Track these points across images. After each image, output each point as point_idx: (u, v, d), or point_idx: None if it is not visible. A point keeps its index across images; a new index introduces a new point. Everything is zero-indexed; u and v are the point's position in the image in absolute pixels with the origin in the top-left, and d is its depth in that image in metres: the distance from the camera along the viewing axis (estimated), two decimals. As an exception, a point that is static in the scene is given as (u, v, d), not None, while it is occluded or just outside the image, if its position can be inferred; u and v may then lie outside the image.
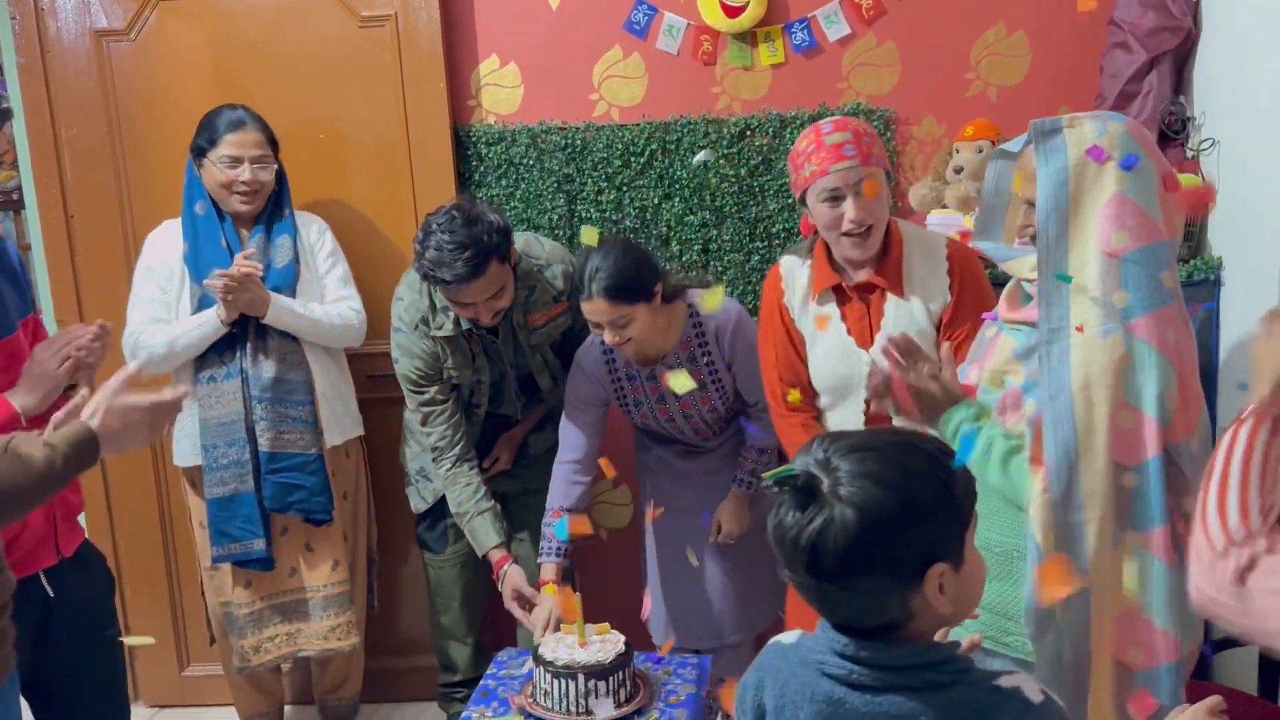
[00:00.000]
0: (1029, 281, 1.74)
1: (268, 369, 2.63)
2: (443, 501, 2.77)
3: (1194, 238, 2.58)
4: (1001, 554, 1.72)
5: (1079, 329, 1.60)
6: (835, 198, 2.12)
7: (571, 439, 2.54)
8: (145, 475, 3.11)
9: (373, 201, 2.99)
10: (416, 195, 2.95)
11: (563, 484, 2.52)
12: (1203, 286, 2.50)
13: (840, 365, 2.25)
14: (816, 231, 2.22)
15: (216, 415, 2.62)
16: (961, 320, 2.17)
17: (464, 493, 2.57)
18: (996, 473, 1.69)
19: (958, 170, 2.73)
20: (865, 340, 2.22)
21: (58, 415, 1.70)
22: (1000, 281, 1.94)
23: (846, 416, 2.27)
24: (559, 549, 2.47)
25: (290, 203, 2.74)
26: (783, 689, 1.21)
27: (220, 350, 2.62)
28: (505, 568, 2.51)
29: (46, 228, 3.05)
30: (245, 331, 2.62)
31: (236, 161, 2.61)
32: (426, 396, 2.58)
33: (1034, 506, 1.63)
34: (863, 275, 2.21)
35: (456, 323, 2.52)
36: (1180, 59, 2.69)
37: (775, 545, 1.18)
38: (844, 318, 2.24)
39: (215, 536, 2.65)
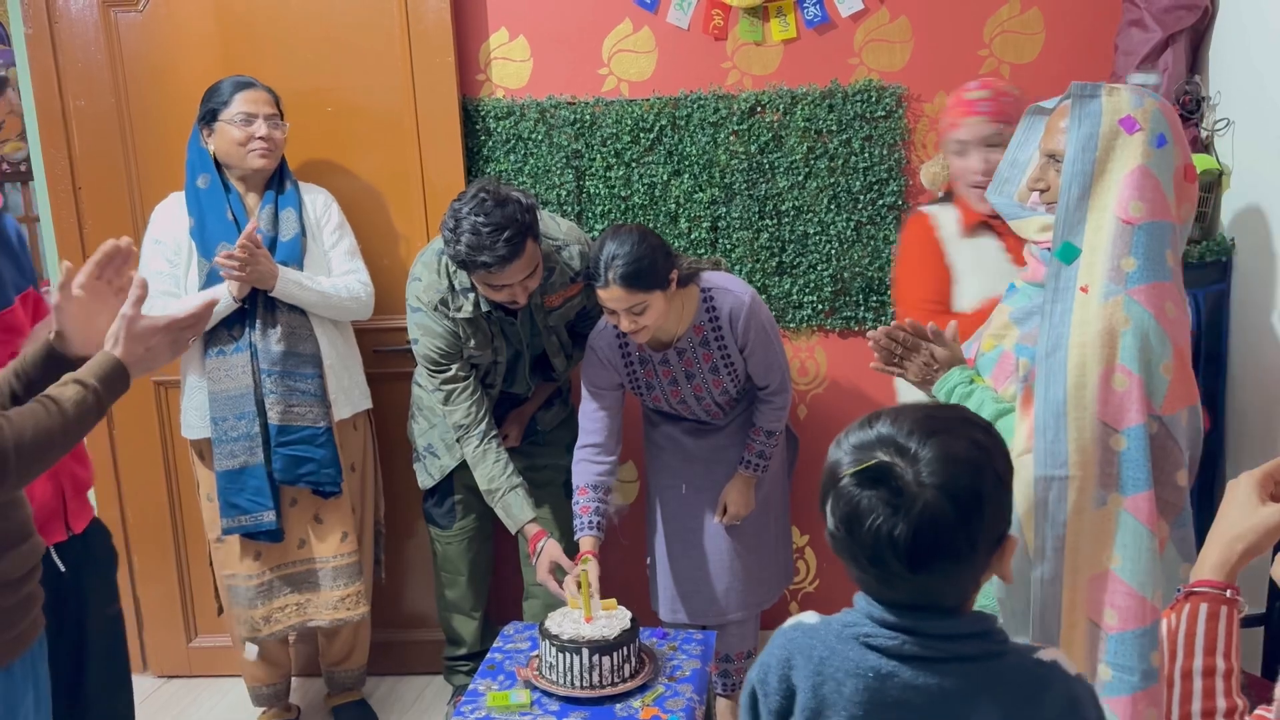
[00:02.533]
0: (1036, 243, 1.76)
1: (276, 342, 2.63)
2: (450, 478, 2.79)
3: (1206, 219, 2.56)
4: None
5: (1084, 289, 1.63)
6: (960, 152, 2.23)
7: (589, 423, 2.54)
8: (153, 447, 3.12)
9: (380, 175, 2.98)
10: (424, 169, 2.94)
11: (583, 465, 2.52)
12: (1214, 268, 2.48)
13: (998, 284, 2.20)
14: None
15: (225, 389, 2.63)
16: None
17: (494, 469, 2.56)
18: None
19: (969, 148, 2.71)
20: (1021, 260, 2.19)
21: (36, 328, 1.70)
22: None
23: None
24: (594, 524, 2.47)
25: (292, 175, 2.74)
26: (819, 666, 1.19)
27: (229, 324, 2.63)
28: (543, 541, 2.50)
29: (54, 199, 3.04)
30: (254, 305, 2.62)
31: (251, 118, 2.61)
32: (449, 374, 2.57)
33: (1018, 460, 1.65)
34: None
35: (476, 304, 2.52)
36: (1196, 38, 2.66)
37: (860, 547, 1.13)
38: (1002, 236, 2.30)
39: (225, 508, 2.67)
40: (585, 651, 2.06)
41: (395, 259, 2.97)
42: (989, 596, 1.80)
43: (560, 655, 2.08)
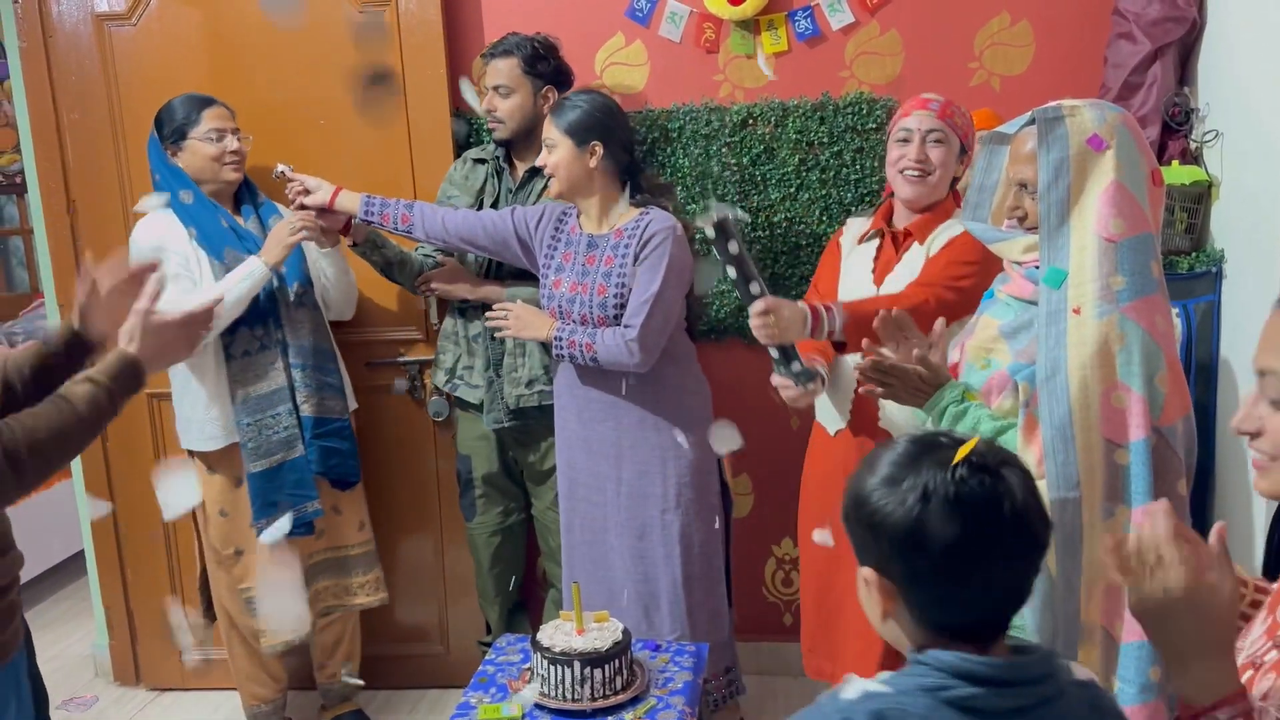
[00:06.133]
0: (1018, 264, 1.79)
1: (306, 337, 2.68)
2: (471, 474, 2.90)
3: (1196, 230, 2.57)
4: None
5: (1076, 311, 1.65)
6: (905, 140, 2.30)
7: (482, 215, 2.60)
8: (146, 460, 3.11)
9: (372, 189, 2.94)
10: (416, 183, 2.94)
11: (435, 209, 2.62)
12: (1204, 279, 2.49)
13: (853, 296, 2.35)
14: (892, 194, 2.40)
15: (258, 389, 2.64)
16: (930, 264, 2.25)
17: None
18: None
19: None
20: (880, 278, 2.34)
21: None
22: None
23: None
24: (371, 207, 2.60)
25: (256, 187, 2.79)
26: None
27: (251, 325, 2.64)
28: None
29: (48, 211, 3.05)
30: (276, 304, 2.65)
31: (221, 133, 2.64)
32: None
33: None
34: (904, 224, 2.34)
35: (494, 157, 2.80)
36: (1185, 50, 2.67)
37: (997, 536, 1.04)
38: (875, 259, 2.37)
39: (263, 509, 2.65)
40: (577, 664, 2.06)
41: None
42: (1021, 616, 1.81)
43: (552, 668, 2.08)
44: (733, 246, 2.06)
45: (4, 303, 4.86)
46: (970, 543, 1.04)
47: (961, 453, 1.06)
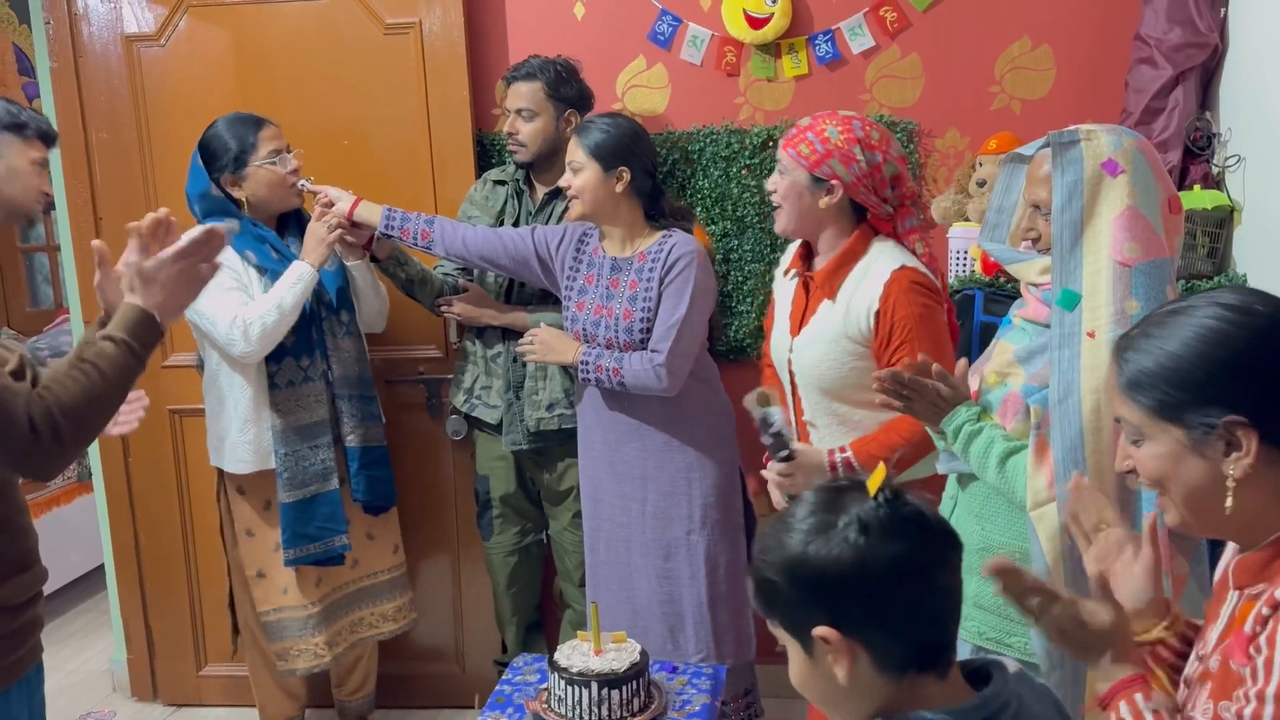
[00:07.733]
0: (1035, 286, 1.79)
1: (352, 367, 2.69)
2: (489, 495, 2.91)
3: (1218, 255, 2.56)
4: (1005, 555, 1.76)
5: (1090, 334, 1.65)
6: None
7: (502, 232, 2.60)
8: (167, 475, 3.14)
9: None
10: (438, 203, 2.96)
11: (457, 224, 2.64)
12: (1227, 304, 2.48)
13: (776, 342, 2.32)
14: None
15: (300, 420, 2.62)
16: (900, 351, 2.09)
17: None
18: (994, 472, 1.75)
19: (980, 184, 2.73)
20: (794, 329, 2.25)
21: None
22: (1007, 292, 1.96)
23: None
24: (393, 222, 2.58)
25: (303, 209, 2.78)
26: None
27: (297, 355, 2.62)
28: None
29: (76, 229, 3.09)
30: (321, 334, 2.66)
31: (280, 154, 2.61)
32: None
33: (1039, 511, 1.68)
34: (815, 269, 2.24)
35: (514, 179, 2.81)
36: (1206, 75, 2.67)
37: (935, 554, 1.08)
38: (792, 301, 2.29)
39: (293, 539, 2.63)
40: (594, 685, 2.06)
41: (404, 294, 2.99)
42: (1022, 632, 1.80)
43: (569, 688, 2.07)
44: (778, 438, 2.09)
45: (29, 318, 4.91)
46: (918, 555, 1.06)
47: (876, 480, 1.07)
